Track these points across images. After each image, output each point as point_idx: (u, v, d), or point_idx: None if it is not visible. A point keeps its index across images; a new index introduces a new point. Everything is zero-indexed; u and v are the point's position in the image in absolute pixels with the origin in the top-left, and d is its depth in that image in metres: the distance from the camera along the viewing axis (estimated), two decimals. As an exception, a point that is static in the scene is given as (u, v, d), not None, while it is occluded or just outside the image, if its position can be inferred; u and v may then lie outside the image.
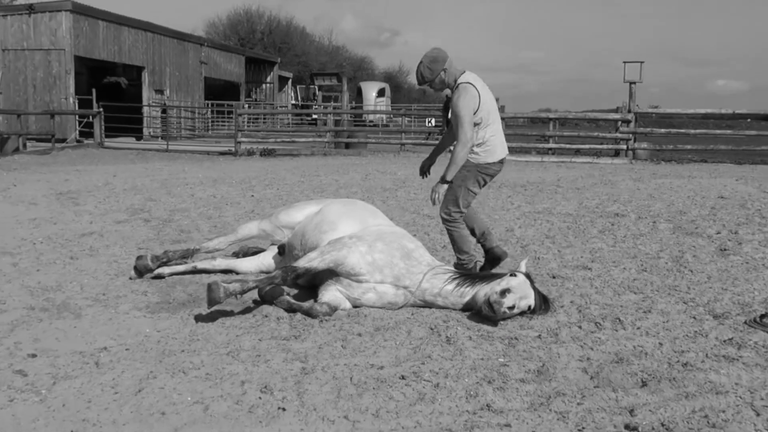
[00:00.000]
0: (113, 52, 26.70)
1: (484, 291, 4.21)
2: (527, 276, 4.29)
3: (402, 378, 3.22)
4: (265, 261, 5.37)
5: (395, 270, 4.35)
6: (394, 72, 71.38)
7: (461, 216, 5.06)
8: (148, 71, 28.90)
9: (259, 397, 3.00)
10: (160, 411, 2.86)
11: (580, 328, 4.06)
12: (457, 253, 5.17)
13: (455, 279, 4.37)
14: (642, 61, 18.69)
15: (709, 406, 2.95)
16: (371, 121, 36.28)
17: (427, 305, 4.40)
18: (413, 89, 71.86)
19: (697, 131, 20.38)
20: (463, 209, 5.04)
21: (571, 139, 21.39)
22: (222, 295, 3.97)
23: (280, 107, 42.68)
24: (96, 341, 3.77)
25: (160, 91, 29.67)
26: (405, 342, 3.78)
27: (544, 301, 4.33)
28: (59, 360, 3.45)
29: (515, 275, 4.27)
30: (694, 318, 4.27)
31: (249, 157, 19.72)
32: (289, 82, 47.24)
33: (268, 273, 5.04)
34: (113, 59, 27.00)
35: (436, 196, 4.98)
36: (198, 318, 4.18)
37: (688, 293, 4.85)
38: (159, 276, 5.17)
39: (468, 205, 5.08)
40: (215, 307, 4.11)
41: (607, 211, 8.83)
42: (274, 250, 5.42)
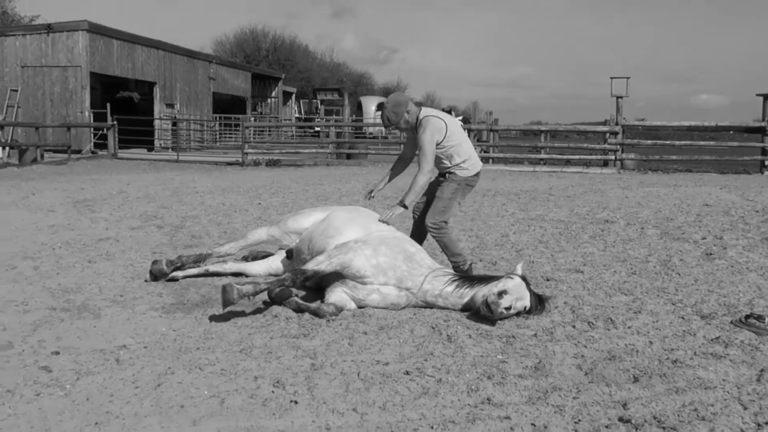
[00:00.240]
0: (127, 68, 26.81)
1: (482, 292, 4.23)
2: (523, 278, 4.32)
3: (406, 373, 3.24)
4: (274, 264, 5.40)
5: (398, 272, 4.38)
6: (392, 87, 71.52)
7: (446, 224, 5.19)
8: (159, 86, 28.99)
9: (272, 391, 3.02)
10: (179, 404, 2.88)
11: (573, 327, 4.08)
12: (451, 257, 5.25)
13: (455, 281, 4.40)
14: (628, 77, 18.85)
15: (699, 400, 2.97)
16: (371, 133, 36.33)
17: (428, 306, 4.42)
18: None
19: (682, 143, 20.41)
20: (449, 219, 5.21)
21: (562, 150, 21.48)
22: (236, 297, 3.99)
23: (284, 120, 42.75)
24: (115, 339, 3.79)
25: (170, 105, 29.74)
26: (408, 340, 3.80)
27: (539, 302, 4.35)
28: (81, 357, 3.47)
29: (512, 277, 4.30)
30: (682, 318, 4.29)
31: (255, 168, 19.75)
32: (293, 96, 47.36)
33: (276, 276, 5.08)
34: (126, 75, 27.11)
35: (388, 216, 4.91)
36: (211, 318, 4.20)
37: (676, 295, 4.88)
38: (173, 279, 5.18)
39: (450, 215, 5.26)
40: (229, 308, 4.13)
41: (598, 218, 8.86)
42: (282, 254, 5.44)
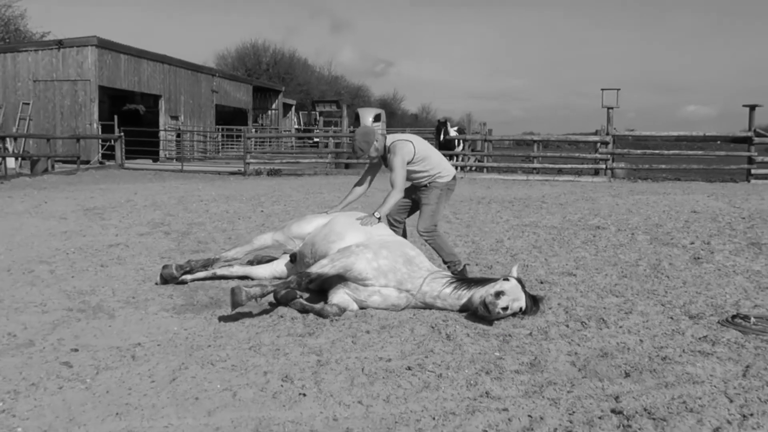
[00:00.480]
0: (133, 82, 26.97)
1: (479, 293, 4.30)
2: (519, 280, 4.39)
3: (408, 369, 3.31)
4: (278, 268, 5.47)
5: (398, 275, 4.45)
6: (388, 99, 71.92)
7: (436, 227, 5.47)
8: (164, 99, 29.14)
9: (281, 385, 3.09)
10: (194, 396, 2.95)
11: (567, 326, 4.15)
12: (446, 258, 5.47)
13: (453, 283, 4.47)
14: (618, 88, 19.03)
15: (687, 393, 3.04)
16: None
17: (428, 307, 4.49)
18: (406, 115, 72.47)
19: (671, 152, 20.56)
20: (437, 223, 5.51)
21: (554, 160, 21.64)
22: (244, 298, 4.06)
23: (284, 131, 42.91)
24: (130, 338, 3.85)
25: (175, 117, 29.87)
26: (409, 338, 3.86)
27: (534, 303, 4.42)
28: (99, 354, 3.54)
29: (508, 279, 4.36)
30: (671, 318, 4.37)
31: (257, 177, 19.83)
32: (293, 108, 47.56)
33: (280, 279, 5.16)
34: (133, 89, 27.26)
35: (366, 222, 5.02)
36: (221, 318, 4.27)
37: (665, 296, 4.95)
38: (182, 282, 5.25)
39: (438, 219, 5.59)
40: (238, 309, 4.20)
41: (589, 224, 8.95)
42: (286, 258, 5.51)
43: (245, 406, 2.86)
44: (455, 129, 23.73)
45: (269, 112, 43.41)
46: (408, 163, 5.35)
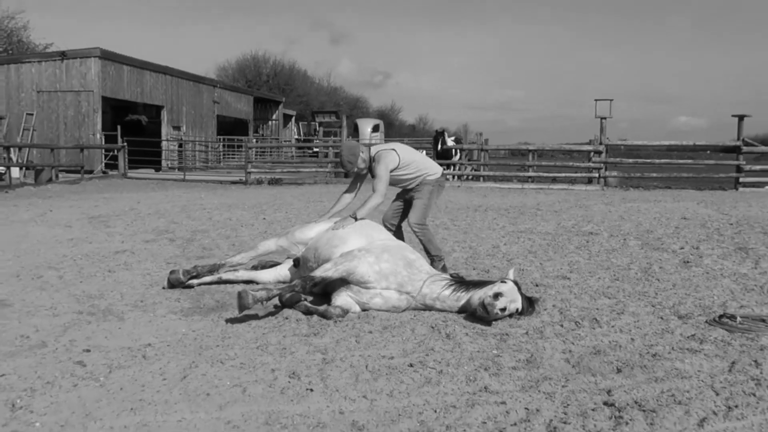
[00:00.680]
0: (136, 93, 27.10)
1: (478, 295, 4.39)
2: (515, 282, 4.48)
3: (410, 366, 3.40)
4: (282, 272, 5.55)
5: (399, 278, 4.55)
6: (386, 110, 72.32)
7: (426, 223, 5.77)
8: (166, 110, 29.27)
9: (289, 381, 3.17)
10: (205, 392, 3.03)
11: (562, 326, 4.25)
12: (433, 251, 5.76)
13: (451, 285, 4.57)
14: (611, 99, 19.30)
15: (676, 387, 3.14)
16: (367, 154, 36.52)
17: (427, 308, 4.58)
18: (404, 125, 72.81)
19: (662, 161, 20.73)
20: (428, 216, 5.82)
21: (549, 169, 21.80)
22: (251, 302, 4.15)
23: (284, 142, 43.08)
24: (140, 339, 3.93)
25: (177, 128, 30.00)
26: (410, 338, 3.96)
27: (530, 304, 4.52)
28: (111, 354, 3.62)
29: (505, 282, 4.46)
30: (661, 318, 4.47)
31: (258, 186, 19.93)
32: (293, 119, 47.77)
33: (284, 283, 5.24)
34: (136, 99, 27.38)
35: (340, 225, 5.19)
36: (228, 320, 4.35)
37: (655, 298, 5.06)
38: (188, 286, 5.33)
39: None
40: (245, 312, 4.28)
41: (583, 231, 9.06)
42: (289, 263, 5.59)
43: (255, 400, 2.95)
44: (452, 139, 23.87)
45: (270, 122, 43.59)
46: (395, 170, 5.57)
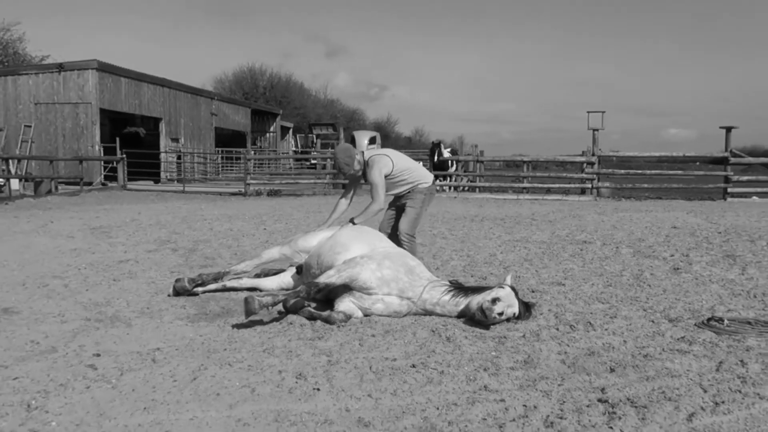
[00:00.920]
0: (134, 105, 27.20)
1: (476, 300, 4.50)
2: (512, 288, 4.60)
3: (412, 367, 3.51)
4: (285, 280, 5.64)
5: (400, 284, 4.65)
6: (383, 122, 72.66)
7: (414, 235, 5.90)
8: (164, 122, 29.38)
9: (296, 382, 3.27)
10: (215, 393, 3.13)
11: (557, 329, 4.36)
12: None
13: (451, 291, 4.68)
14: (603, 111, 19.42)
15: (666, 385, 3.25)
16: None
17: (427, 313, 4.68)
18: (400, 137, 73.15)
19: (653, 172, 20.94)
20: (416, 229, 5.94)
21: (543, 180, 22.01)
22: (257, 307, 4.24)
23: (282, 153, 43.24)
24: (149, 344, 4.02)
25: (175, 140, 30.10)
26: (412, 341, 4.06)
27: (526, 309, 4.63)
28: (121, 358, 3.70)
29: (503, 287, 4.57)
30: (652, 321, 4.59)
31: (257, 197, 20.03)
32: (290, 131, 47.97)
33: (288, 290, 5.33)
34: (134, 111, 27.47)
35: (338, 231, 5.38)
36: (234, 325, 4.44)
37: (647, 303, 5.18)
38: (193, 294, 5.41)
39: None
40: (251, 317, 4.37)
41: (576, 239, 9.20)
42: (292, 270, 5.69)
43: (264, 400, 3.05)
44: (448, 150, 24.07)
45: (267, 134, 43.75)
46: (389, 176, 5.65)
